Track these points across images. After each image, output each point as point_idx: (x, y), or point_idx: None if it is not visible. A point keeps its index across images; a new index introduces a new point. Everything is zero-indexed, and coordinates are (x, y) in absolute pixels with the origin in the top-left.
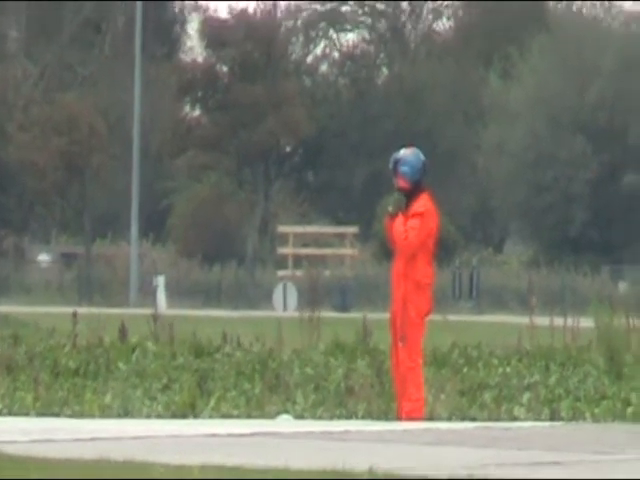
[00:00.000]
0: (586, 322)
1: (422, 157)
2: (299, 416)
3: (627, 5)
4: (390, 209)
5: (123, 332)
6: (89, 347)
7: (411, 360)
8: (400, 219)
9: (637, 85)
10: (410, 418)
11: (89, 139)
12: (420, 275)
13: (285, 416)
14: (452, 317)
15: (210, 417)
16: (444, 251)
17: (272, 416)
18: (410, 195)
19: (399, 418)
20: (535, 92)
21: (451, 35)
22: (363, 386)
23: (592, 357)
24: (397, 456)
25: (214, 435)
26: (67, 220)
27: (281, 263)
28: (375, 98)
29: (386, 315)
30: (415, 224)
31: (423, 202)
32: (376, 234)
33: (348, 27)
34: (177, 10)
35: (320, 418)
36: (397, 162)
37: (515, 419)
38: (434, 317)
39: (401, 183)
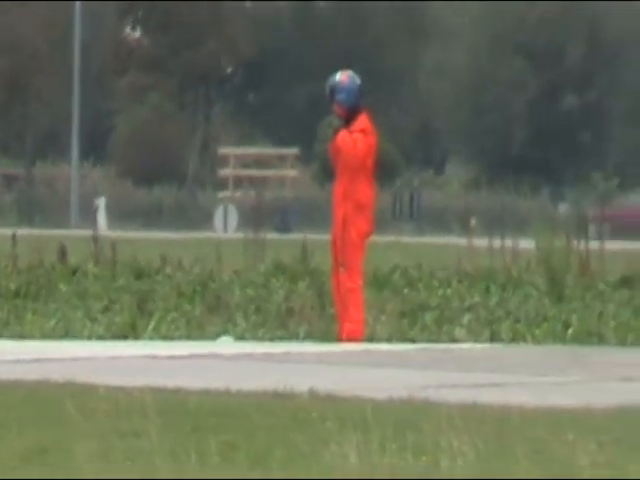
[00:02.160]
0: (526, 244)
1: (358, 80)
2: (240, 337)
3: None
4: (331, 131)
5: (62, 253)
6: (30, 268)
7: (351, 281)
8: (344, 133)
9: (577, 6)
10: (350, 339)
11: (30, 60)
12: (360, 195)
13: (225, 337)
14: (393, 238)
15: (150, 338)
16: (384, 172)
17: (212, 337)
18: (348, 120)
19: (340, 339)
20: (476, 13)
21: None
22: (304, 307)
23: (532, 279)
24: (338, 377)
25: (154, 357)
26: (8, 141)
27: (222, 185)
28: (316, 18)
29: (327, 236)
30: (359, 137)
31: (362, 121)
32: (317, 155)
33: None
34: None
35: (261, 339)
36: (333, 89)
37: (455, 341)
38: (374, 238)
39: (338, 111)
